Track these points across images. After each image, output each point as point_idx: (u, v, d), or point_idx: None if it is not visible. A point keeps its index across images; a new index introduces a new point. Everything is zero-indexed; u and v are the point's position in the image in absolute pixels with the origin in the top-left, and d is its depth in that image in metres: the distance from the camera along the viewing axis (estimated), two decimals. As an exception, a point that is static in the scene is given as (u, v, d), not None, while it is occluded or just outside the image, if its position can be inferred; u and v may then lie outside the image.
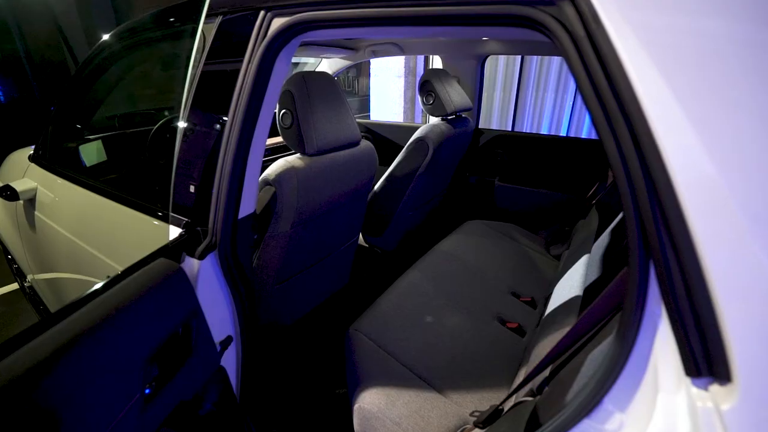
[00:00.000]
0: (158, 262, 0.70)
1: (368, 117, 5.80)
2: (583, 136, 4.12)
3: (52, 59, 5.58)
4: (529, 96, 4.38)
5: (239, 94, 0.80)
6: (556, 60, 4.09)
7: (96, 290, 0.60)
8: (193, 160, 0.89)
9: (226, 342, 1.02)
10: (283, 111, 1.10)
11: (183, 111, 0.91)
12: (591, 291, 1.03)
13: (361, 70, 12.46)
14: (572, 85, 4.10)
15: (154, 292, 0.64)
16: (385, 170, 1.81)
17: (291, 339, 1.52)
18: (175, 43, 1.24)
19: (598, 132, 0.48)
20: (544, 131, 4.42)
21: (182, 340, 0.71)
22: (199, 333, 0.74)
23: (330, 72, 2.45)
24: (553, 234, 2.02)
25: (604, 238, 1.22)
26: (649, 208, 0.43)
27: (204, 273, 0.91)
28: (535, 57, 4.19)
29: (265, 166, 1.10)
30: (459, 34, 1.67)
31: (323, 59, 2.40)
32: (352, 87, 14.12)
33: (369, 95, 5.09)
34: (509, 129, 4.54)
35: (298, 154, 1.12)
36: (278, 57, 0.81)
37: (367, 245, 1.96)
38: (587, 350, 0.66)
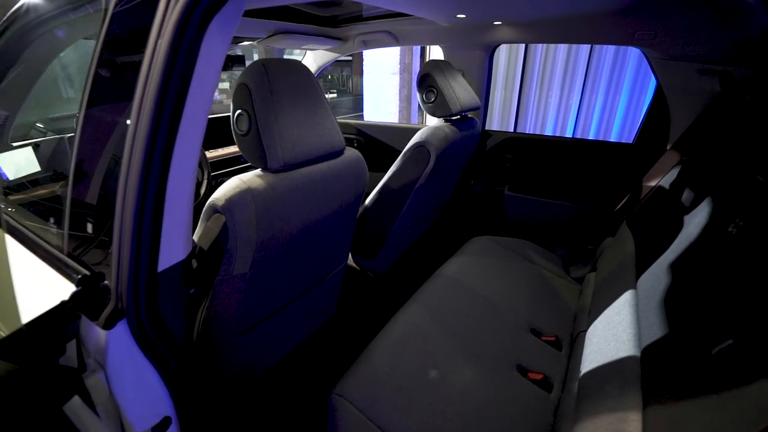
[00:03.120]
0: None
1: (362, 117, 5.53)
2: (592, 138, 3.87)
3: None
4: (533, 95, 4.12)
5: (145, 85, 0.51)
6: (562, 55, 3.83)
7: None
8: (91, 185, 0.60)
9: (163, 426, 0.74)
10: (237, 112, 0.81)
11: (79, 112, 0.62)
12: (657, 354, 0.76)
13: (356, 68, 12.19)
14: (579, 83, 3.84)
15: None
16: (379, 178, 1.53)
17: (260, 393, 1.23)
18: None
19: None
20: (548, 132, 4.16)
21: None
22: None
23: (316, 66, 2.17)
24: (573, 252, 1.76)
25: (659, 275, 0.95)
26: None
27: (115, 346, 0.63)
28: (540, 52, 3.92)
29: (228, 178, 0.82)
30: (470, 16, 1.38)
31: (307, 52, 2.11)
32: (346, 86, 13.84)
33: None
34: (511, 130, 4.28)
35: (258, 170, 0.84)
36: (208, 29, 0.52)
37: (357, 267, 1.68)
38: None
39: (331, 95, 12.86)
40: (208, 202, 0.79)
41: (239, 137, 0.83)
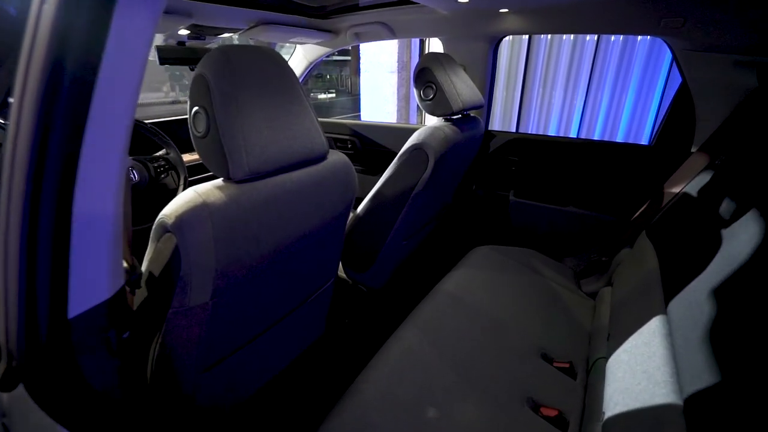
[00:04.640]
0: None
1: (359, 118, 5.40)
2: (598, 139, 3.73)
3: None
4: (536, 93, 3.98)
5: (26, 72, 0.37)
6: (566, 52, 3.69)
7: None
8: None
9: None
10: (194, 109, 0.67)
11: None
12: (710, 408, 0.62)
13: (353, 67, 12.08)
14: (584, 81, 3.70)
15: None
16: (375, 182, 1.38)
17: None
18: None
19: None
20: (551, 132, 4.01)
21: None
22: None
23: (306, 62, 2.03)
24: (584, 264, 1.62)
25: (699, 302, 0.80)
26: None
27: (20, 412, 0.49)
28: (543, 49, 3.78)
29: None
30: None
31: (297, 46, 1.97)
32: (345, 85, 13.71)
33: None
34: (514, 131, 4.14)
35: (219, 180, 0.69)
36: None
37: (349, 280, 1.54)
38: None
39: (330, 95, 12.79)
40: (157, 219, 0.65)
41: (196, 140, 0.69)
